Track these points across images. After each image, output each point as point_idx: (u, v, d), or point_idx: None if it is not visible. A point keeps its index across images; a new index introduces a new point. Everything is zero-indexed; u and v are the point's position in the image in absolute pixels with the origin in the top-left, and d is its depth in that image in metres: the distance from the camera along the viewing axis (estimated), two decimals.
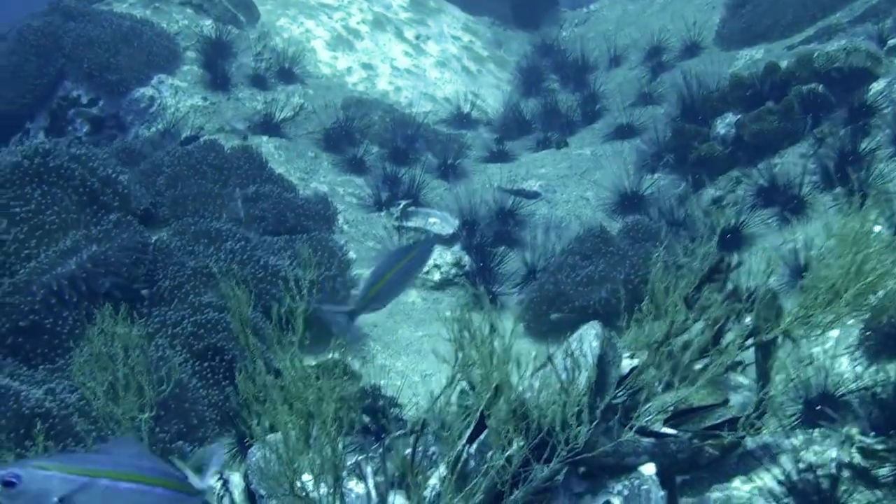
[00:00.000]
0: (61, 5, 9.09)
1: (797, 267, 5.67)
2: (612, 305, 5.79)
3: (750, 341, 4.11)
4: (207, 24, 9.84)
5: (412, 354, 6.14)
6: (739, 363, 4.24)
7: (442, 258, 7.09)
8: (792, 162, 7.16)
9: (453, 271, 7.06)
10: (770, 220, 6.64)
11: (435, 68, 11.19)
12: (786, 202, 6.59)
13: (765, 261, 5.73)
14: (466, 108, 10.42)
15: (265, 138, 8.81)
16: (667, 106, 9.20)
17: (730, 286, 4.39)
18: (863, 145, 6.60)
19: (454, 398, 5.00)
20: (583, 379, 3.53)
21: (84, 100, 8.75)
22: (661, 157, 8.33)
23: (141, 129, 8.75)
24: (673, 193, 7.66)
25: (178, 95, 8.98)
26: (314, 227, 6.67)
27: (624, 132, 9.29)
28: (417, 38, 11.61)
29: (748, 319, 4.30)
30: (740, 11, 10.25)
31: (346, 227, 7.73)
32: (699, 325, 4.14)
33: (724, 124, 7.74)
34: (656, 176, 8.24)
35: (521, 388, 3.68)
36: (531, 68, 11.46)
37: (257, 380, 3.07)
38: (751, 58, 9.47)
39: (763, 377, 4.04)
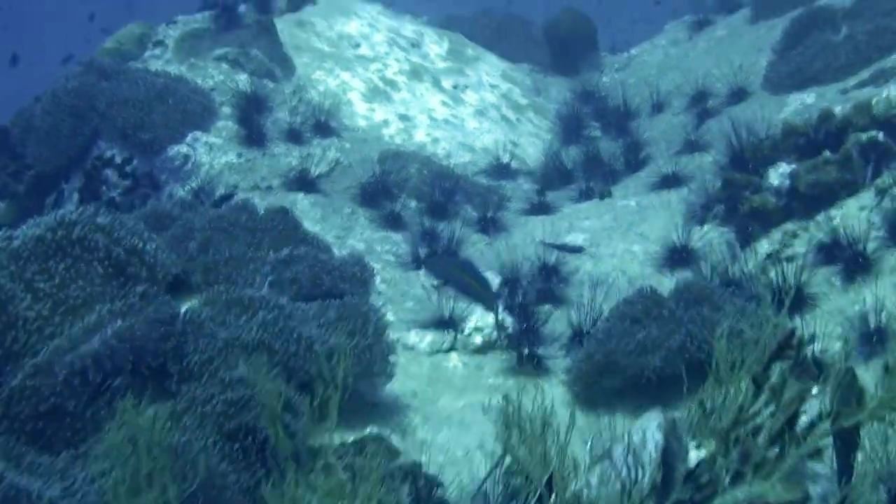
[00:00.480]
0: (95, 64, 9.01)
1: (867, 332, 5.28)
2: (666, 374, 5.44)
3: (827, 424, 3.74)
4: (243, 79, 9.71)
5: (454, 426, 5.80)
6: (818, 450, 3.86)
7: (483, 320, 6.78)
8: (852, 215, 6.78)
9: (495, 334, 6.75)
10: (833, 279, 6.25)
11: (473, 118, 10.96)
12: (849, 259, 6.19)
13: (837, 330, 5.36)
14: (506, 159, 10.15)
15: (301, 195, 8.61)
16: (714, 153, 8.85)
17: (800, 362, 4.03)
18: None
19: (500, 475, 4.70)
20: (647, 479, 3.19)
21: (118, 159, 8.63)
22: (710, 208, 7.96)
23: (175, 188, 8.59)
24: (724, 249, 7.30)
25: (212, 153, 8.82)
26: (350, 289, 6.38)
27: (670, 181, 8.94)
28: (455, 87, 11.41)
29: (815, 389, 3.96)
30: (789, 54, 9.88)
31: (383, 286, 7.46)
32: (770, 408, 3.78)
33: (778, 174, 7.35)
34: (706, 228, 7.87)
35: (577, 485, 3.35)
36: (571, 115, 11.19)
37: (287, 493, 2.78)
38: (802, 102, 9.12)
39: (845, 469, 3.66)
